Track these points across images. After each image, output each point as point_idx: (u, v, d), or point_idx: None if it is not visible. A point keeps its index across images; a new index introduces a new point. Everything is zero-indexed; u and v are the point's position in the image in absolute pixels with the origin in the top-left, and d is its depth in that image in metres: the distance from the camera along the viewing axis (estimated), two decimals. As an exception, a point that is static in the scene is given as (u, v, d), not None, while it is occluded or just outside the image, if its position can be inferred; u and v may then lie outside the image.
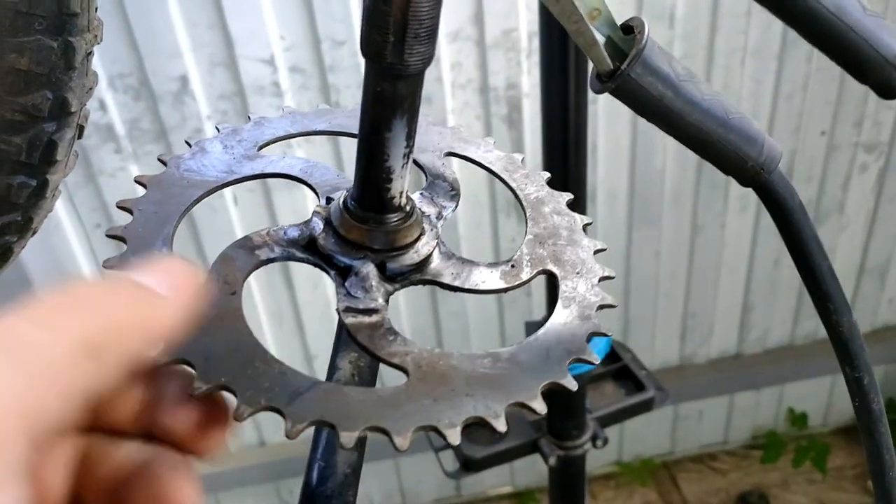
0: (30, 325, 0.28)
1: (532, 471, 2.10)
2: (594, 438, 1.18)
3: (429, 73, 0.39)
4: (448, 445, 1.17)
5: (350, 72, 1.46)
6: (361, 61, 1.49)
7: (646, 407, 1.23)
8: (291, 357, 1.81)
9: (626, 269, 1.85)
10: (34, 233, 0.55)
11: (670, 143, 1.69)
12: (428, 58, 0.37)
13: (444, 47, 1.48)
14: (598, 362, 0.39)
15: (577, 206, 0.48)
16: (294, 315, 1.76)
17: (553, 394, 0.38)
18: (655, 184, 1.74)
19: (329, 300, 1.73)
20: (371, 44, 0.36)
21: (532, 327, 1.26)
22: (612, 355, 1.27)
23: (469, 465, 1.16)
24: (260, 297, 1.70)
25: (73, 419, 0.29)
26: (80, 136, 0.52)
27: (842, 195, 1.85)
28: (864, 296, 2.05)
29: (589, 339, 0.40)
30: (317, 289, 1.72)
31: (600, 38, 0.40)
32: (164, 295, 0.31)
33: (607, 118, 1.62)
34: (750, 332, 2.05)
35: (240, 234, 1.69)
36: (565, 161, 1.12)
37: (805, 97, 1.67)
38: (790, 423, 2.21)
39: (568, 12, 0.38)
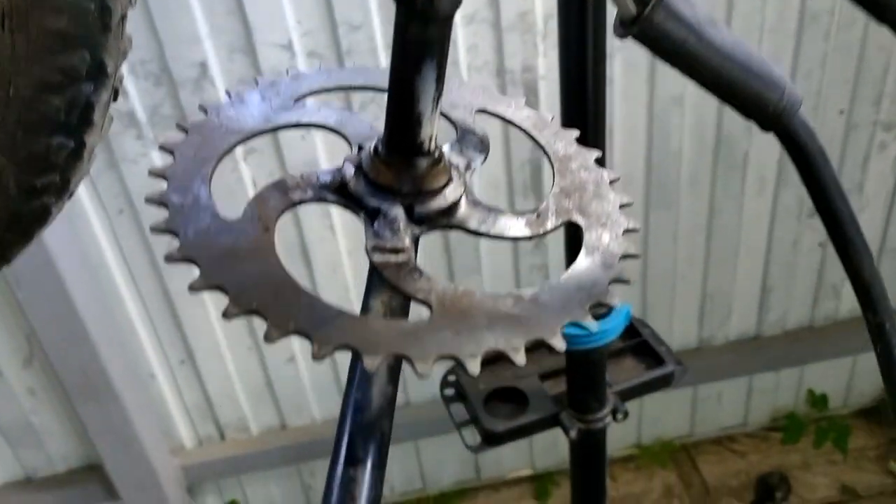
0: None
1: (552, 453, 2.11)
2: (615, 412, 1.18)
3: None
4: (470, 421, 1.18)
5: (367, 56, 1.47)
6: (378, 45, 1.47)
7: (665, 382, 1.23)
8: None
9: (644, 251, 1.85)
10: (71, 195, 0.56)
11: (687, 124, 1.70)
12: (457, 1, 0.38)
13: (460, 30, 1.48)
14: (617, 304, 0.40)
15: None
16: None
17: (574, 365, 0.39)
18: (672, 166, 1.74)
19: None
20: (402, -13, 0.37)
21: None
22: (632, 330, 1.28)
23: (490, 439, 1.17)
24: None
25: None
26: (115, 99, 0.54)
27: (861, 175, 1.84)
28: (884, 276, 2.02)
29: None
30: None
31: (623, -16, 0.41)
32: None
33: (623, 101, 1.62)
34: (769, 314, 2.04)
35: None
36: (584, 140, 1.12)
37: (823, 76, 1.67)
38: (810, 405, 2.21)
39: (591, -44, 0.39)
